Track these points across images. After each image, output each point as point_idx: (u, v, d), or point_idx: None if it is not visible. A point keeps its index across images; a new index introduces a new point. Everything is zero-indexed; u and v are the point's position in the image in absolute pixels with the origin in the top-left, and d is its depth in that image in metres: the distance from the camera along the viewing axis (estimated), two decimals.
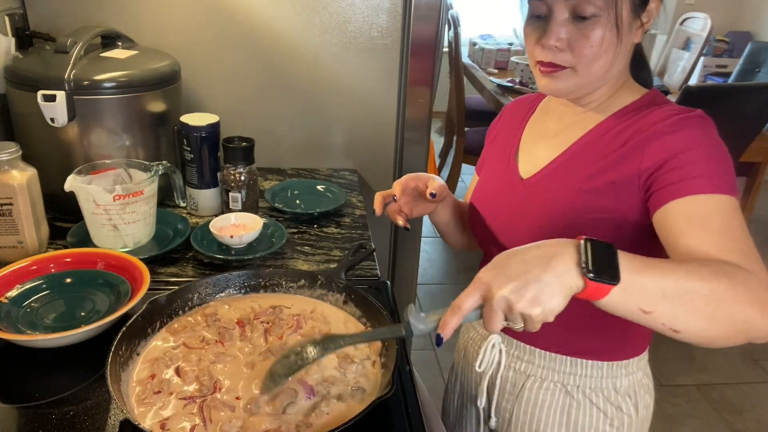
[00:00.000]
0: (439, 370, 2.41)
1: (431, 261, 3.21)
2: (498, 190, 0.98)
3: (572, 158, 0.89)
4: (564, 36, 0.80)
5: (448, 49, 3.43)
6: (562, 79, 0.84)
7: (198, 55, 1.46)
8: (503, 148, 1.01)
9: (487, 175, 1.04)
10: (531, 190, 0.92)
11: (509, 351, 0.99)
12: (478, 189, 1.04)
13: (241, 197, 1.24)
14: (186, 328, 0.89)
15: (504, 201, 0.96)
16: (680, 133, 0.78)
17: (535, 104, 1.03)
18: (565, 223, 0.85)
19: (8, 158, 1.00)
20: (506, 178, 0.97)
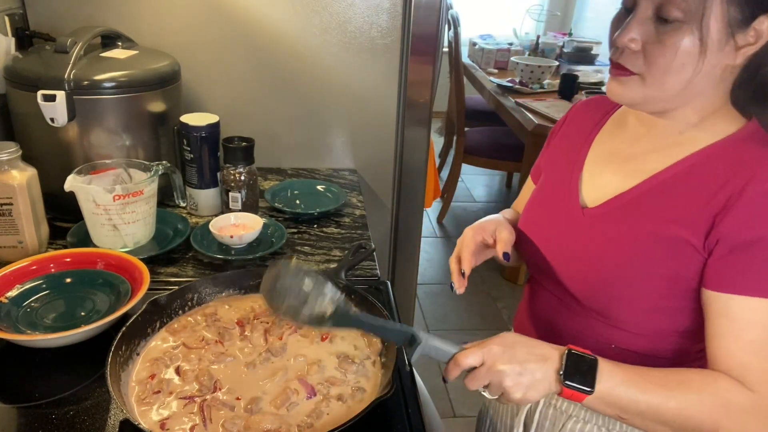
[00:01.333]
0: (439, 370, 2.40)
1: (431, 261, 3.21)
2: (554, 213, 0.88)
3: (647, 196, 0.78)
4: (638, 36, 0.70)
5: (448, 49, 3.43)
6: (629, 85, 0.74)
7: (198, 55, 1.46)
8: (566, 161, 0.90)
9: (543, 191, 0.93)
10: (593, 223, 0.82)
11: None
12: (532, 206, 0.94)
13: (241, 197, 1.24)
14: (186, 328, 0.89)
15: (559, 229, 0.86)
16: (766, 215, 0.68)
17: (609, 112, 0.91)
18: (622, 268, 0.77)
19: (8, 158, 1.00)
20: (565, 203, 0.86)
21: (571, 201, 0.86)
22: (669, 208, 0.75)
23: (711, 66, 0.70)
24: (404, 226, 1.71)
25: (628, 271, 0.77)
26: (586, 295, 0.82)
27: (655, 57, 0.70)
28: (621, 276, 0.77)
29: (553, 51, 3.71)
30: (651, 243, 0.76)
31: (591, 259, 0.81)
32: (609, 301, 0.80)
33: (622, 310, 0.79)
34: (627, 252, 0.77)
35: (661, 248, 0.75)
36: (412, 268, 1.79)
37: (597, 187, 0.85)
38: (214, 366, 0.83)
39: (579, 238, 0.83)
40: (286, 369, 0.83)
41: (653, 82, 0.72)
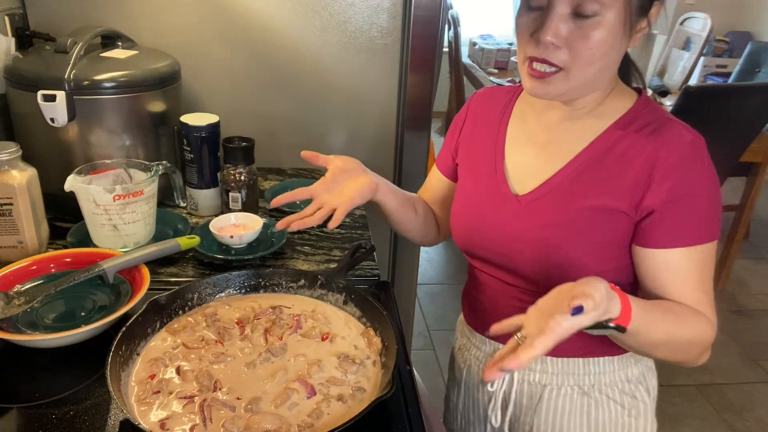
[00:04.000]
0: (439, 369, 2.41)
1: (431, 261, 3.21)
2: (488, 204, 0.93)
3: (574, 176, 0.85)
4: (563, 33, 0.75)
5: (448, 49, 3.43)
6: (553, 83, 0.79)
7: (198, 55, 1.46)
8: (484, 148, 0.96)
9: (471, 183, 0.98)
10: (528, 210, 0.88)
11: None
12: (464, 199, 0.98)
13: (241, 197, 1.24)
14: (186, 328, 0.89)
15: (497, 218, 0.91)
16: (686, 175, 0.79)
17: (512, 99, 0.96)
18: (567, 246, 0.84)
19: (8, 158, 1.00)
20: (496, 191, 0.92)
21: (502, 189, 0.91)
22: (596, 184, 0.83)
23: (622, 51, 0.79)
24: None
25: (571, 246, 0.84)
26: (535, 276, 0.88)
27: (579, 50, 0.75)
28: (565, 252, 0.84)
29: None
30: (587, 217, 0.83)
31: (534, 242, 0.86)
32: (558, 276, 0.83)
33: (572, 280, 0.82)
34: (566, 230, 0.84)
35: (596, 220, 0.83)
36: (412, 268, 1.79)
37: (523, 174, 0.90)
38: (214, 366, 0.83)
39: (518, 224, 0.88)
40: (286, 369, 0.83)
41: (577, 73, 0.77)
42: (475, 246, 0.95)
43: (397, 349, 0.81)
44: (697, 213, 0.80)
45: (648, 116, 0.83)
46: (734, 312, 2.92)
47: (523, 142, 0.92)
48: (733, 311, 2.93)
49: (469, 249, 0.97)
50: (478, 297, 1.02)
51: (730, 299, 3.02)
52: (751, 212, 3.16)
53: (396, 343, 0.82)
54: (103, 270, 0.95)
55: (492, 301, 0.98)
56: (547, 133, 0.89)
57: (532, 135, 0.91)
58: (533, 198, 0.88)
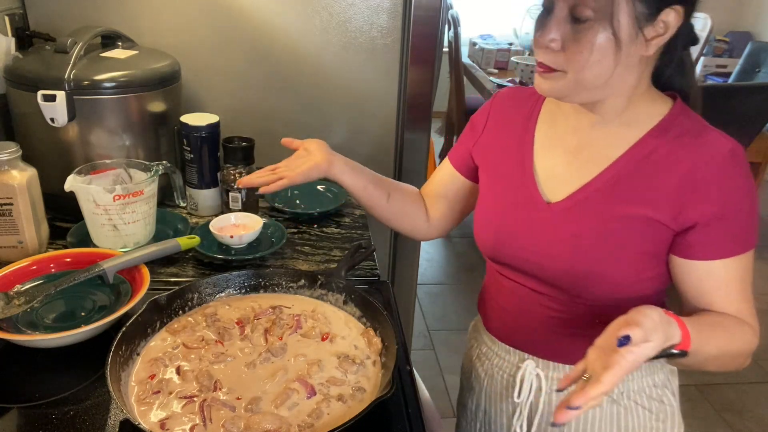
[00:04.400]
0: (439, 369, 2.41)
1: (431, 261, 3.21)
2: (518, 211, 0.90)
3: (611, 184, 0.83)
4: (557, 36, 0.75)
5: (448, 49, 3.43)
6: (554, 81, 0.79)
7: (198, 55, 1.46)
8: (510, 153, 0.93)
9: (497, 188, 0.95)
10: (562, 218, 0.85)
11: (547, 374, 0.94)
12: (489, 205, 0.95)
13: (241, 197, 1.24)
14: (186, 328, 0.89)
15: (528, 226, 0.89)
16: (728, 186, 0.78)
17: (538, 103, 0.95)
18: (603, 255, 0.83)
19: (8, 158, 1.00)
20: (526, 197, 0.89)
21: (532, 195, 0.89)
22: (634, 192, 0.81)
23: (627, 58, 0.76)
24: None
25: (606, 255, 0.82)
26: (568, 285, 0.86)
27: (573, 54, 0.75)
28: (600, 261, 0.83)
29: None
30: (625, 227, 0.81)
31: (567, 251, 0.84)
32: (593, 286, 0.84)
33: (607, 290, 0.84)
34: (602, 239, 0.82)
35: (633, 230, 0.81)
36: (412, 268, 1.79)
37: (555, 180, 0.88)
38: (214, 366, 0.83)
39: (550, 232, 0.86)
40: (286, 369, 0.83)
41: (574, 77, 0.77)
42: (501, 252, 0.93)
43: (397, 349, 0.81)
44: (739, 223, 0.79)
45: (685, 123, 0.81)
46: None
47: (553, 146, 0.90)
48: None
49: (495, 255, 0.94)
50: (500, 304, 0.99)
51: None
52: None
53: (396, 343, 0.82)
54: (103, 270, 0.95)
55: (516, 309, 0.95)
56: (578, 138, 0.87)
57: (561, 139, 0.89)
58: (567, 205, 0.85)
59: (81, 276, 0.94)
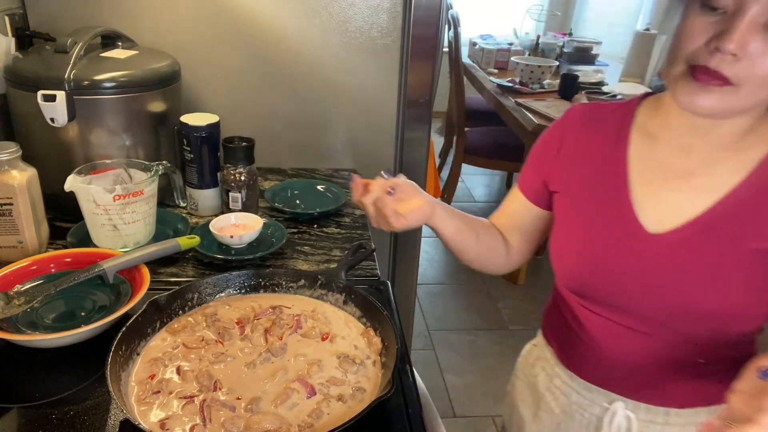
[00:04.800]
0: (439, 369, 2.41)
1: (431, 261, 3.21)
2: (610, 240, 0.81)
3: (733, 214, 0.73)
4: (749, 45, 0.63)
5: (448, 49, 3.43)
6: (716, 97, 0.67)
7: (198, 55, 1.46)
8: (598, 178, 0.83)
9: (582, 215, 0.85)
10: (671, 250, 0.76)
11: (638, 416, 0.87)
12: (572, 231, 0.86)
13: (241, 197, 1.24)
14: (186, 328, 0.89)
15: (623, 256, 0.80)
16: None
17: (627, 120, 0.84)
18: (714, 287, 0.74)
19: (8, 158, 1.00)
20: (622, 228, 0.80)
21: (630, 225, 0.79)
22: (755, 224, 0.73)
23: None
24: None
25: (721, 294, 0.74)
26: (668, 321, 0.79)
27: (758, 68, 0.64)
28: (711, 298, 0.75)
29: (553, 51, 3.71)
30: (743, 262, 0.73)
31: (677, 289, 0.76)
32: (697, 322, 0.77)
33: (712, 326, 0.77)
34: (719, 276, 0.74)
35: (755, 265, 0.73)
36: (412, 268, 1.79)
37: (660, 208, 0.78)
38: (214, 366, 0.83)
39: (657, 268, 0.77)
40: (286, 369, 0.83)
41: (748, 94, 0.67)
42: (590, 287, 0.85)
43: (397, 349, 0.81)
44: None
45: None
46: None
47: (653, 169, 0.80)
48: None
49: (581, 290, 0.86)
50: (584, 340, 0.90)
51: None
52: None
53: (396, 343, 0.82)
54: (103, 270, 0.95)
55: (606, 346, 0.87)
56: (687, 160, 0.77)
57: (665, 162, 0.79)
58: (679, 237, 0.76)
59: (81, 276, 0.94)
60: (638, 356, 0.83)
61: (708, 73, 0.66)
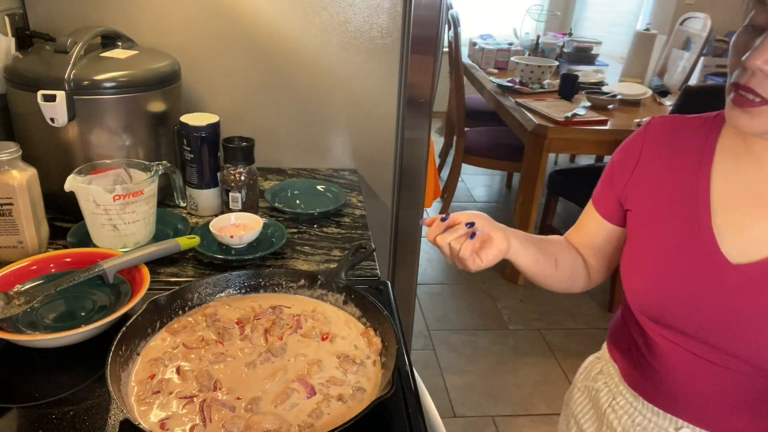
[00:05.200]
0: (439, 369, 2.41)
1: (431, 261, 3.21)
2: (687, 268, 0.77)
3: None
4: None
5: (448, 49, 3.44)
6: (757, 118, 0.66)
7: (198, 55, 1.46)
8: (678, 199, 0.79)
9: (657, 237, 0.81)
10: (756, 284, 0.72)
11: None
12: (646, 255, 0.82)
13: (241, 197, 1.24)
14: (186, 328, 0.89)
15: (702, 286, 0.76)
16: None
17: (713, 137, 0.79)
18: None
19: (8, 158, 1.00)
20: (700, 255, 0.76)
21: (711, 254, 0.75)
22: None
23: None
24: (404, 226, 1.71)
25: None
26: (751, 356, 0.75)
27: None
28: None
29: (553, 51, 3.71)
30: None
31: (758, 322, 0.72)
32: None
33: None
34: None
35: None
36: (412, 268, 1.79)
37: (744, 237, 0.74)
38: (214, 366, 0.83)
39: (738, 301, 0.74)
40: (286, 369, 0.83)
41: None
42: (664, 313, 0.81)
43: (397, 349, 0.81)
44: None
45: None
46: None
47: (740, 196, 0.75)
48: None
49: (654, 314, 0.82)
50: (656, 366, 0.86)
51: None
52: None
53: (396, 343, 0.82)
54: (103, 270, 0.95)
55: (680, 376, 0.83)
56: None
57: (751, 187, 0.74)
58: (765, 270, 0.72)
59: (81, 276, 0.94)
60: (710, 387, 0.80)
61: (740, 91, 0.66)
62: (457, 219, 0.82)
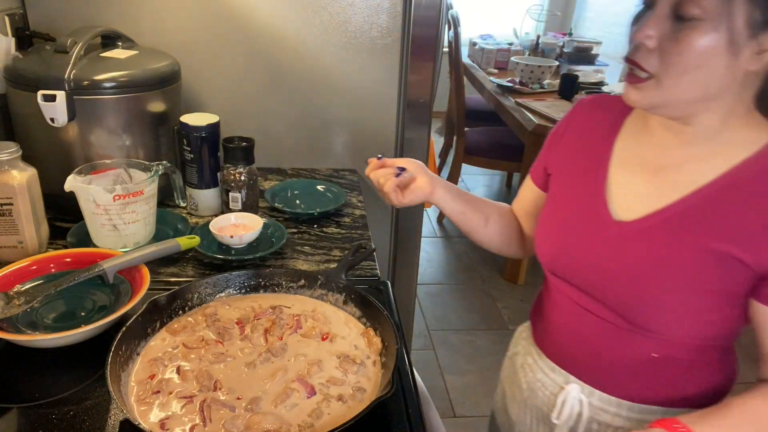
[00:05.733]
0: (439, 369, 2.41)
1: (431, 261, 3.21)
2: (582, 225, 0.85)
3: (694, 211, 0.75)
4: (655, 33, 0.69)
5: (448, 49, 3.43)
6: (645, 91, 0.72)
7: (198, 55, 1.46)
8: (585, 164, 0.87)
9: (563, 200, 0.90)
10: (633, 239, 0.79)
11: (592, 402, 0.88)
12: (553, 216, 0.91)
13: (241, 197, 1.24)
14: (186, 328, 0.89)
15: (591, 242, 0.83)
16: None
17: (621, 115, 0.87)
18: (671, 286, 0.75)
19: (8, 158, 1.00)
20: (593, 212, 0.83)
21: (600, 211, 0.83)
22: (717, 224, 0.73)
23: (728, 69, 0.68)
24: (404, 226, 1.71)
25: (674, 289, 0.75)
26: (627, 310, 0.80)
27: (670, 55, 0.69)
28: (666, 294, 0.76)
29: (553, 51, 3.71)
30: (700, 260, 0.74)
31: (631, 276, 0.78)
32: (654, 315, 0.78)
33: (667, 322, 0.78)
34: (673, 270, 0.75)
35: (709, 265, 0.74)
36: (412, 268, 1.79)
37: (629, 199, 0.81)
38: (214, 366, 0.83)
39: (615, 253, 0.80)
40: (286, 369, 0.83)
41: (669, 83, 0.70)
42: (560, 266, 0.88)
43: (397, 349, 0.81)
44: None
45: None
46: None
47: (633, 163, 0.83)
48: None
49: (553, 268, 0.90)
50: (553, 319, 0.94)
51: None
52: None
53: (396, 343, 0.82)
54: (103, 270, 0.95)
55: (569, 328, 0.90)
56: (662, 156, 0.80)
57: (643, 156, 0.82)
58: (639, 227, 0.79)
59: (81, 276, 0.94)
60: (597, 342, 0.85)
61: (632, 64, 0.72)
62: (391, 162, 0.97)
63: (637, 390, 0.85)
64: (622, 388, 0.86)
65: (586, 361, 0.88)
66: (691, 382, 0.84)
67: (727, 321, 0.77)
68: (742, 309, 0.76)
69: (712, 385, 0.85)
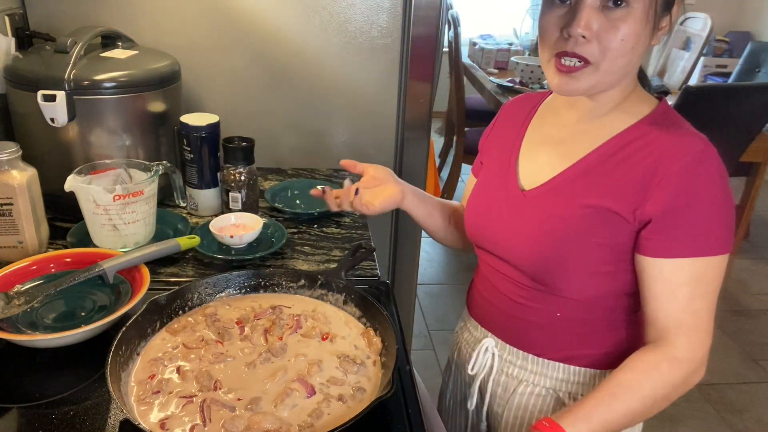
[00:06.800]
0: (438, 369, 2.40)
1: (431, 261, 3.21)
2: (495, 197, 0.95)
3: (578, 174, 0.85)
4: (594, 25, 0.74)
5: (448, 49, 3.43)
6: (581, 79, 0.78)
7: (198, 55, 1.46)
8: (503, 151, 0.97)
9: (485, 179, 1.00)
10: (531, 204, 0.89)
11: (502, 355, 0.98)
12: (475, 194, 1.01)
13: (241, 197, 1.24)
14: (186, 328, 0.89)
15: (501, 211, 0.93)
16: (689, 184, 0.76)
17: (537, 104, 0.98)
18: (563, 242, 0.84)
19: (8, 158, 1.00)
20: (505, 187, 0.93)
21: (510, 184, 0.92)
22: (597, 185, 0.83)
23: (646, 47, 0.78)
24: (404, 226, 1.71)
25: (566, 243, 0.84)
26: (530, 269, 0.89)
27: (609, 42, 0.75)
28: (561, 248, 0.85)
29: None
30: (584, 216, 0.83)
31: (532, 236, 0.87)
32: (552, 272, 0.86)
33: (564, 278, 0.86)
34: (564, 226, 0.84)
35: (594, 220, 0.82)
36: (412, 268, 1.79)
37: (533, 171, 0.91)
38: (214, 366, 0.83)
39: (520, 218, 0.89)
40: (286, 369, 0.83)
41: (607, 66, 0.77)
42: (479, 237, 0.97)
43: (397, 349, 0.81)
44: (697, 224, 0.77)
45: (664, 123, 0.82)
46: (734, 312, 2.92)
47: (539, 141, 0.93)
48: (733, 311, 2.93)
49: (476, 240, 0.99)
50: (477, 284, 1.04)
51: (730, 299, 3.02)
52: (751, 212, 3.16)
53: (396, 343, 0.82)
54: (103, 270, 0.95)
55: (487, 289, 0.99)
56: (562, 132, 0.90)
57: (548, 135, 0.92)
58: (537, 193, 0.88)
59: (81, 276, 0.94)
60: (509, 302, 0.94)
61: (569, 55, 0.77)
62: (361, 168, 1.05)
63: (541, 347, 0.93)
64: (530, 343, 0.94)
65: (501, 319, 0.97)
66: (591, 342, 0.91)
67: (619, 277, 0.85)
68: (630, 264, 0.83)
69: (615, 348, 0.91)
